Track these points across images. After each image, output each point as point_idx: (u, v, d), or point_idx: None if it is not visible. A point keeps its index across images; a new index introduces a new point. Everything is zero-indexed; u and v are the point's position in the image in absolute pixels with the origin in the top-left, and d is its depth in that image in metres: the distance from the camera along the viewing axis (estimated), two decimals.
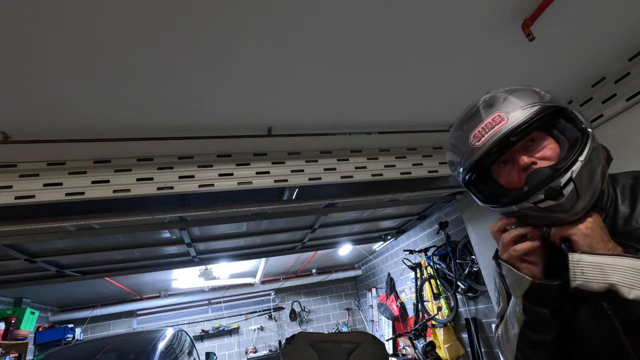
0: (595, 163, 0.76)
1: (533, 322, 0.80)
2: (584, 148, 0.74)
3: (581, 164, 0.73)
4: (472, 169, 0.84)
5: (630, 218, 0.78)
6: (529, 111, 0.77)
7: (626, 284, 0.66)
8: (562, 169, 0.73)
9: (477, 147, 0.80)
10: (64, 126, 1.81)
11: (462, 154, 0.85)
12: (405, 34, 1.62)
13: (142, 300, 7.03)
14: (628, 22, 1.82)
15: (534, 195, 0.74)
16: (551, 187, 0.73)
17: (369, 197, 2.92)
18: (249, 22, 1.40)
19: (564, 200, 0.72)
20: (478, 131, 0.81)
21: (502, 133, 0.77)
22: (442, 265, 4.55)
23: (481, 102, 0.85)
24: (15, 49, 1.33)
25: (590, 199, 0.75)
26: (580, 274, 0.71)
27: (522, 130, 0.77)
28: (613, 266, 0.68)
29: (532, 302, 0.78)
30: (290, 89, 1.85)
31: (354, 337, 2.02)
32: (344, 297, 8.46)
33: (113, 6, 1.23)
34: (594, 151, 0.76)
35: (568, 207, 0.73)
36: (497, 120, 0.79)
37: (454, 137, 0.89)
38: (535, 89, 0.83)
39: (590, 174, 0.74)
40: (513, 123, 0.77)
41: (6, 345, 4.49)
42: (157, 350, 3.16)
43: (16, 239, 2.56)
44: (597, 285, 0.69)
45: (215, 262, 4.65)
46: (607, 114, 2.25)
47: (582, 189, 0.73)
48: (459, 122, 0.88)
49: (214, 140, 2.14)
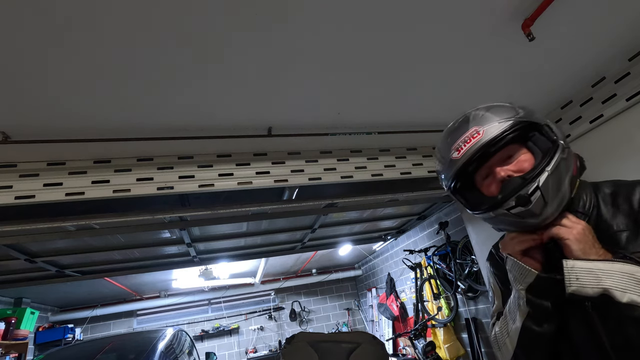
0: (562, 173, 0.83)
1: (536, 315, 0.84)
2: (552, 159, 0.82)
3: (547, 173, 0.80)
4: (454, 178, 0.92)
5: (611, 222, 0.84)
6: (502, 125, 0.85)
7: (619, 288, 0.71)
8: (529, 179, 0.81)
9: (456, 158, 0.89)
10: (64, 126, 1.81)
11: (445, 165, 0.94)
12: (405, 34, 1.62)
13: (142, 300, 7.03)
14: (628, 22, 1.82)
15: (506, 202, 0.82)
16: (520, 195, 0.80)
17: (369, 197, 2.92)
18: (249, 23, 1.40)
19: (532, 206, 0.80)
20: (457, 144, 0.89)
21: (478, 145, 0.86)
22: (442, 265, 4.55)
23: (462, 117, 0.94)
24: (15, 49, 1.33)
25: (558, 205, 0.82)
26: (575, 279, 0.75)
27: (495, 142, 0.85)
28: (605, 271, 0.73)
29: (536, 295, 0.84)
30: (290, 89, 1.85)
31: (354, 337, 2.02)
32: (344, 297, 8.46)
33: (112, 6, 1.24)
34: (563, 161, 0.83)
35: (537, 213, 0.80)
36: (473, 134, 0.87)
37: (439, 150, 0.98)
38: (512, 105, 0.91)
39: (557, 182, 0.81)
40: (488, 136, 0.85)
41: (6, 345, 4.48)
42: (157, 350, 3.16)
43: (16, 239, 2.56)
44: (592, 290, 0.73)
45: (215, 262, 4.65)
46: (607, 114, 2.25)
47: (549, 196, 0.80)
48: (443, 135, 0.97)
49: (214, 140, 2.14)
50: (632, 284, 0.70)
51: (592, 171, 2.69)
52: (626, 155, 2.17)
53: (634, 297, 0.70)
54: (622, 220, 0.83)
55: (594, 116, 2.33)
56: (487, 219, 0.90)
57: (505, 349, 0.94)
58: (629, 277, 0.71)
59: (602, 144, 2.31)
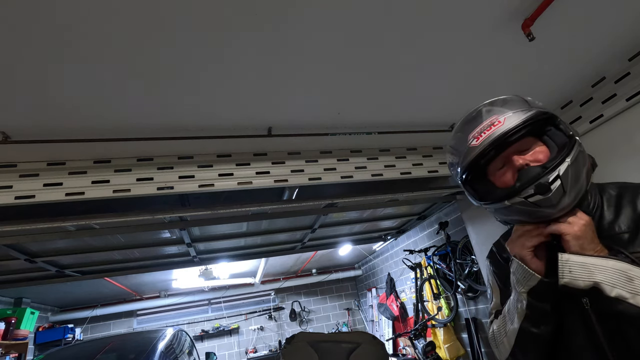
0: (580, 165, 0.84)
1: (534, 317, 0.87)
2: (571, 150, 0.83)
3: (568, 164, 0.81)
4: (470, 167, 0.92)
5: (614, 223, 0.86)
6: (523, 115, 0.86)
7: (609, 283, 0.74)
8: (550, 167, 0.81)
9: (475, 146, 0.88)
10: (64, 126, 1.81)
11: (461, 154, 0.93)
12: (405, 34, 1.62)
13: (142, 300, 7.03)
14: (628, 22, 1.82)
15: (524, 190, 0.82)
16: (540, 183, 0.80)
17: (369, 197, 2.92)
18: (250, 23, 1.40)
19: (551, 195, 0.80)
20: (477, 132, 0.90)
21: (499, 133, 0.86)
22: (442, 265, 4.55)
23: (481, 107, 0.94)
24: (15, 49, 1.33)
25: (575, 196, 0.82)
26: (568, 272, 0.78)
27: (516, 132, 0.86)
28: (598, 266, 0.76)
29: (537, 298, 0.85)
30: (291, 89, 1.85)
31: (354, 337, 2.02)
32: (344, 297, 8.46)
33: (112, 6, 1.24)
34: (580, 154, 0.84)
35: (555, 202, 0.80)
36: (494, 122, 0.88)
37: (454, 139, 0.98)
38: (527, 99, 0.93)
39: (576, 173, 0.82)
40: (509, 125, 0.86)
41: (6, 345, 4.49)
42: (157, 350, 3.16)
43: (16, 239, 2.56)
44: (583, 283, 0.76)
45: (215, 262, 4.65)
46: (607, 114, 2.25)
47: (568, 186, 0.80)
48: (459, 125, 0.97)
49: (214, 140, 2.14)
50: (623, 280, 0.74)
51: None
52: (626, 155, 2.17)
53: (622, 292, 0.73)
54: (624, 221, 0.85)
55: (594, 116, 2.33)
56: (499, 209, 0.89)
57: (503, 347, 0.96)
58: (621, 273, 0.74)
59: (602, 144, 2.31)
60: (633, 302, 0.72)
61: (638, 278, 0.73)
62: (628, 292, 0.73)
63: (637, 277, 0.73)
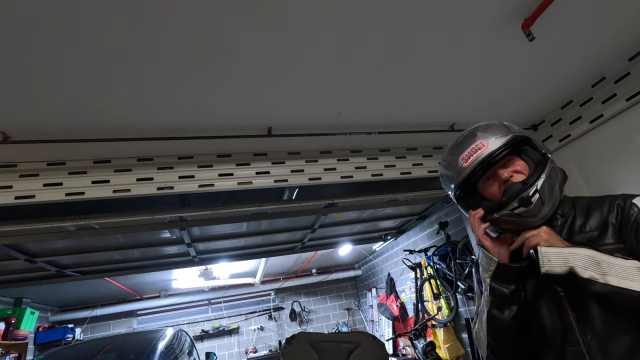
0: (554, 179, 1.00)
1: (497, 302, 1.01)
2: (545, 167, 0.99)
3: (543, 179, 0.97)
4: (462, 185, 1.07)
5: (585, 225, 1.02)
6: (503, 139, 1.03)
7: (582, 267, 0.87)
8: (530, 183, 0.97)
9: (465, 167, 1.04)
10: (64, 126, 1.81)
11: (454, 173, 1.08)
12: (405, 34, 1.62)
13: (142, 300, 7.03)
14: (628, 22, 1.82)
15: (510, 204, 0.98)
16: (522, 197, 0.96)
17: (369, 197, 2.92)
18: (249, 22, 1.40)
19: (532, 206, 0.96)
20: (465, 154, 1.05)
21: (484, 155, 1.02)
22: (442, 265, 4.54)
23: (464, 135, 1.10)
24: (15, 50, 1.33)
25: (552, 205, 0.99)
26: (547, 261, 0.91)
27: (498, 153, 1.01)
28: (572, 254, 0.90)
29: (497, 281, 1.01)
30: (290, 89, 1.85)
31: (354, 337, 2.02)
32: (344, 297, 8.46)
33: (112, 7, 1.24)
34: (553, 170, 1.01)
35: (536, 212, 0.97)
36: (479, 146, 1.04)
37: (446, 160, 1.13)
38: (505, 124, 1.09)
39: (550, 186, 0.99)
40: (493, 147, 1.02)
41: (6, 345, 4.48)
42: (157, 350, 3.16)
43: (16, 239, 2.56)
44: (560, 269, 0.89)
45: (215, 262, 4.65)
46: (607, 114, 2.25)
47: (546, 198, 0.97)
48: (449, 148, 1.13)
49: (214, 140, 2.14)
50: (591, 264, 0.87)
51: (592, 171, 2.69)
52: (626, 155, 2.17)
53: (593, 274, 0.86)
54: (593, 223, 1.01)
55: (594, 116, 2.33)
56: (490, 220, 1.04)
57: (482, 341, 1.07)
58: (589, 258, 0.88)
59: (602, 144, 2.31)
60: (603, 282, 0.85)
61: (604, 261, 0.87)
62: (598, 273, 0.86)
63: (603, 261, 0.87)
